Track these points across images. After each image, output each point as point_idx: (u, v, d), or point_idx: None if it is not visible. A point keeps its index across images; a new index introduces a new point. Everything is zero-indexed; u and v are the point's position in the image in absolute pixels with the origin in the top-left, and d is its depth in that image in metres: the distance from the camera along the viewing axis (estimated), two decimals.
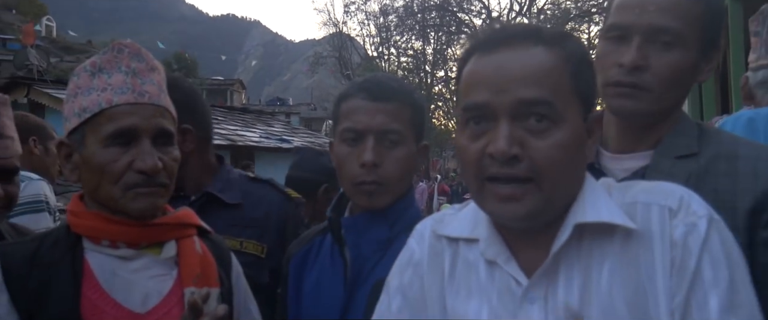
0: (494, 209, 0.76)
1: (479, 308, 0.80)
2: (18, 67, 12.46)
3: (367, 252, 1.15)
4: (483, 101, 0.75)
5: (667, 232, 0.73)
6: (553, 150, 0.73)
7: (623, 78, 1.00)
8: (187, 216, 1.15)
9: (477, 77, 0.77)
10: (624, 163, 1.07)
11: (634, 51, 0.99)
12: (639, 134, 1.06)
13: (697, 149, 1.01)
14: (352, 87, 1.20)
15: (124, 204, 1.03)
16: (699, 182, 0.97)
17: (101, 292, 1.01)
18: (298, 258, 1.27)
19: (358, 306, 1.11)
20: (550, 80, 0.75)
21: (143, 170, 1.02)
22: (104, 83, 1.05)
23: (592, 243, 0.76)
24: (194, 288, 1.05)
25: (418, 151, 1.21)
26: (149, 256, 1.07)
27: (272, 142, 13.83)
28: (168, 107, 1.10)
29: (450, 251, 0.87)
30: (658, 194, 0.76)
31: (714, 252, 0.72)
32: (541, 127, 0.74)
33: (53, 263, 1.01)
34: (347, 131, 1.16)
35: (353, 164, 1.14)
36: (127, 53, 1.08)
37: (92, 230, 1.04)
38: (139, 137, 1.03)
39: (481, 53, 0.78)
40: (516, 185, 0.73)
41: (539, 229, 0.78)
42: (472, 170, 0.76)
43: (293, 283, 1.25)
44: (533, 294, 0.76)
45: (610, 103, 1.05)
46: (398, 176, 1.15)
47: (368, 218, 1.16)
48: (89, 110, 1.03)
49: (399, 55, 28.60)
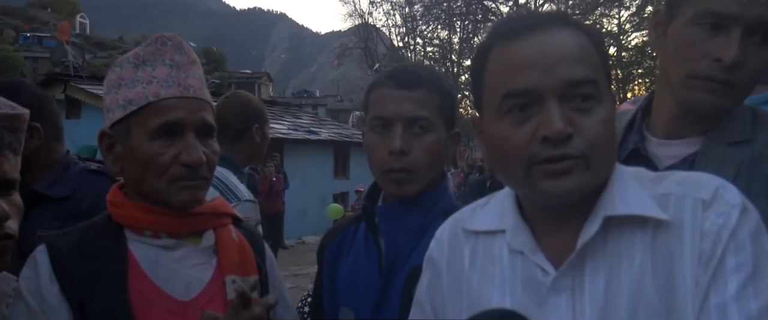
0: (545, 188, 0.74)
1: (502, 298, 0.79)
2: (55, 64, 12.78)
3: (402, 239, 1.15)
4: (530, 85, 0.74)
5: (698, 224, 0.72)
6: (600, 126, 0.73)
7: (718, 74, 0.94)
8: (222, 206, 1.17)
9: (516, 63, 0.76)
10: (673, 149, 1.03)
11: (736, 47, 0.92)
12: (694, 120, 1.01)
13: (751, 134, 0.97)
14: (381, 76, 1.20)
15: (168, 196, 1.04)
16: (752, 168, 0.93)
17: (147, 281, 1.03)
18: (333, 246, 1.28)
19: (394, 294, 1.12)
20: (591, 59, 0.76)
21: (189, 164, 1.03)
22: (149, 75, 1.06)
23: (620, 234, 0.75)
24: (235, 276, 1.07)
25: (450, 138, 1.20)
26: (189, 245, 1.08)
27: (300, 134, 13.96)
28: (210, 100, 1.11)
29: (469, 246, 0.87)
30: (692, 186, 0.74)
31: (740, 240, 0.70)
32: (586, 106, 0.74)
33: (100, 253, 1.03)
34: (376, 119, 1.16)
35: (382, 152, 1.14)
36: (170, 46, 1.09)
37: (135, 221, 1.06)
38: (185, 130, 1.04)
39: (508, 41, 0.77)
40: (568, 161, 0.72)
41: (566, 217, 0.77)
42: (520, 157, 0.74)
43: (328, 272, 1.27)
44: (560, 284, 0.75)
45: (690, 96, 0.97)
46: (427, 164, 1.14)
47: (402, 206, 1.17)
48: (135, 102, 1.04)
49: (425, 45, 28.43)
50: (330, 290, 1.25)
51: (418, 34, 28.15)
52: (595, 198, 0.76)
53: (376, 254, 1.19)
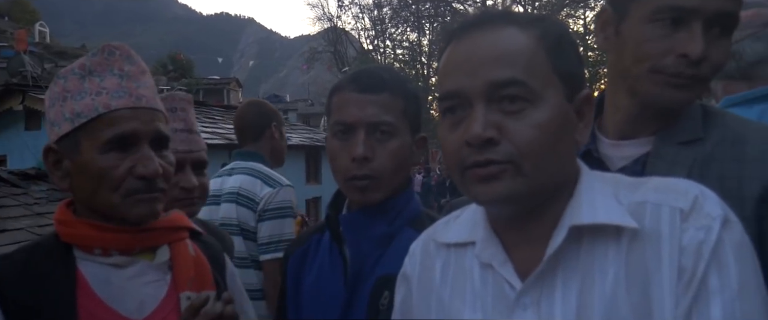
0: (476, 193, 0.72)
1: (473, 313, 0.76)
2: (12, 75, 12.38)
3: (367, 249, 1.11)
4: (456, 88, 0.73)
5: (676, 236, 0.67)
6: (531, 130, 0.69)
7: (686, 70, 0.92)
8: (179, 219, 1.13)
9: (449, 65, 0.75)
10: (624, 150, 1.01)
11: (700, 41, 0.90)
12: (649, 119, 1.00)
13: (703, 133, 0.95)
14: (343, 80, 1.16)
15: (123, 211, 1.00)
16: (704, 169, 0.92)
17: (98, 301, 0.99)
18: (296, 257, 1.24)
19: (360, 304, 1.08)
20: (521, 58, 0.71)
21: (145, 176, 0.99)
22: (97, 86, 1.01)
23: (593, 245, 0.71)
24: (189, 292, 1.04)
25: (415, 143, 1.17)
26: (143, 262, 1.05)
27: None
28: (162, 109, 1.08)
29: (441, 259, 0.84)
30: (669, 194, 0.70)
31: (723, 257, 0.66)
32: (516, 108, 0.70)
33: (46, 274, 0.98)
34: (337, 124, 1.12)
35: (345, 159, 1.10)
36: (118, 55, 1.05)
37: (84, 239, 1.01)
38: (139, 141, 1.00)
39: (456, 40, 0.75)
40: (494, 166, 0.70)
41: (533, 227, 0.74)
42: (454, 160, 0.73)
43: (292, 283, 1.22)
44: (526, 299, 0.72)
45: (657, 91, 0.95)
46: (392, 170, 1.10)
47: (367, 214, 1.13)
48: (84, 114, 0.99)
49: (394, 48, 28.53)
50: (294, 302, 1.20)
51: (387, 37, 28.25)
52: (557, 203, 0.74)
53: (340, 264, 1.15)
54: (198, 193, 1.46)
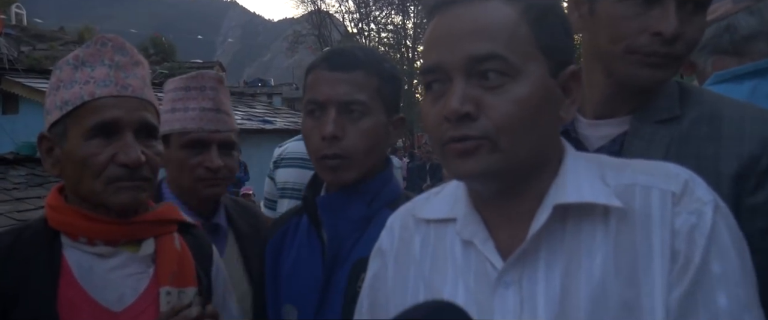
0: (454, 168, 0.72)
1: (455, 290, 0.75)
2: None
3: (345, 231, 1.11)
4: (435, 62, 0.72)
5: (668, 219, 0.67)
6: (510, 105, 0.68)
7: (660, 48, 0.92)
8: (168, 212, 1.13)
9: (430, 39, 0.74)
10: (602, 129, 1.01)
11: (674, 19, 0.90)
12: (627, 98, 0.99)
13: (679, 111, 0.95)
14: (317, 58, 1.15)
15: (105, 198, 1.01)
16: (681, 147, 0.92)
17: (79, 289, 0.99)
18: (275, 240, 1.23)
19: (338, 287, 1.07)
20: (503, 33, 0.69)
21: (126, 163, 1.00)
22: (87, 76, 1.03)
23: (579, 225, 0.70)
24: (170, 288, 1.04)
25: (392, 123, 1.15)
26: (127, 253, 1.05)
27: (254, 123, 13.70)
28: (152, 100, 1.08)
29: (420, 234, 0.83)
30: (659, 177, 0.70)
31: (722, 244, 0.66)
32: (496, 83, 0.69)
33: (30, 258, 0.99)
34: (310, 102, 1.11)
35: (316, 138, 1.09)
36: (110, 47, 1.07)
37: (69, 227, 1.02)
38: (122, 130, 1.01)
39: (439, 14, 0.74)
40: (470, 141, 0.69)
41: (516, 205, 0.74)
42: (434, 135, 0.73)
43: (270, 267, 1.21)
44: (508, 277, 0.71)
45: (632, 71, 0.95)
46: (363, 150, 1.09)
47: (344, 196, 1.12)
48: (71, 102, 1.02)
49: (379, 31, 28.29)
50: (272, 286, 1.20)
51: (371, 19, 27.99)
52: (541, 182, 0.73)
53: (318, 247, 1.14)
54: (223, 173, 1.43)
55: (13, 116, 9.88)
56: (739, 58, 1.44)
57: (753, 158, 0.88)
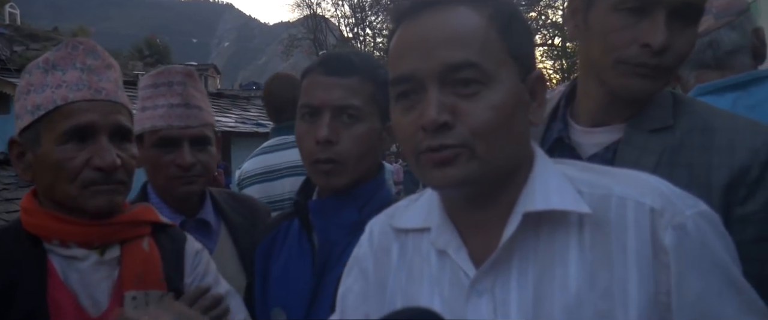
0: (431, 178, 0.71)
1: (430, 300, 0.75)
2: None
3: (336, 236, 1.10)
4: (408, 72, 0.70)
5: (646, 233, 0.66)
6: (486, 112, 0.68)
7: (649, 60, 0.92)
8: (143, 213, 1.11)
9: (400, 48, 0.72)
10: (596, 137, 1.02)
11: (663, 31, 0.91)
12: (620, 107, 1.00)
13: (672, 121, 0.96)
14: (313, 63, 1.15)
15: (81, 202, 1.00)
16: (673, 156, 0.93)
17: (65, 291, 0.99)
18: (265, 244, 1.22)
19: (327, 292, 1.07)
20: (475, 40, 0.69)
21: (101, 167, 0.99)
22: (58, 79, 1.03)
23: (553, 233, 0.70)
24: (135, 292, 1.03)
25: (386, 130, 1.15)
26: (95, 256, 1.04)
27: (248, 127, 13.66)
28: (125, 103, 1.08)
29: (398, 243, 0.83)
30: (635, 188, 0.69)
31: (714, 251, 0.67)
32: (471, 91, 0.69)
33: (18, 261, 0.98)
34: (304, 106, 1.11)
35: (309, 142, 1.09)
36: (81, 50, 1.06)
37: (42, 229, 1.02)
38: (97, 133, 1.01)
39: (406, 22, 0.73)
40: (448, 150, 0.68)
41: (488, 213, 0.73)
42: (409, 145, 0.72)
43: (260, 270, 1.21)
44: (480, 286, 0.71)
45: (622, 82, 0.96)
46: (356, 155, 1.09)
47: (336, 201, 1.12)
48: (43, 107, 1.01)
49: (375, 36, 28.37)
50: (262, 290, 1.19)
51: (367, 24, 28.05)
52: (511, 188, 0.73)
53: (309, 251, 1.14)
54: (198, 170, 1.38)
55: (5, 117, 9.79)
56: (722, 72, 1.47)
57: (743, 169, 0.89)
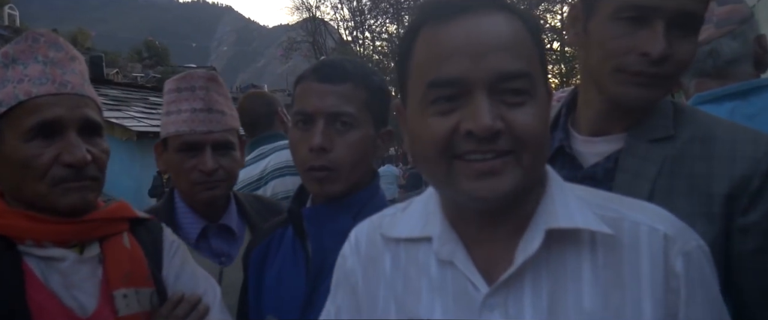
0: (471, 188, 0.66)
1: (431, 310, 0.73)
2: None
3: (330, 243, 1.09)
4: (458, 74, 0.66)
5: (659, 258, 0.67)
6: (534, 122, 0.66)
7: (647, 68, 0.92)
8: (120, 210, 1.09)
9: (445, 49, 0.67)
10: (597, 146, 1.02)
11: (662, 40, 0.90)
12: (621, 116, 1.00)
13: (673, 130, 0.96)
14: (307, 69, 1.15)
15: (53, 200, 0.96)
16: (674, 166, 0.93)
17: (46, 293, 0.95)
18: (259, 251, 1.22)
19: (321, 300, 1.06)
20: (526, 49, 0.68)
21: (71, 164, 0.96)
22: (20, 74, 0.98)
23: (564, 250, 0.69)
24: (126, 290, 1.01)
25: (380, 137, 1.15)
26: (74, 255, 1.00)
27: None
28: (93, 96, 1.04)
29: (390, 253, 0.80)
30: (644, 215, 0.71)
31: (710, 281, 0.70)
32: (519, 100, 0.66)
33: None
34: (298, 113, 1.10)
35: (303, 149, 1.09)
36: (43, 42, 1.02)
37: (14, 230, 0.97)
38: (65, 128, 0.97)
39: (437, 23, 0.69)
40: (496, 159, 0.65)
41: (497, 223, 0.72)
42: (438, 148, 0.67)
43: (253, 277, 1.20)
44: (493, 301, 0.69)
45: (621, 90, 0.95)
46: (350, 162, 1.08)
47: (330, 208, 1.11)
48: (5, 103, 0.97)
49: (374, 40, 28.39)
50: (255, 298, 1.19)
51: (366, 28, 28.07)
52: (526, 203, 0.71)
53: (303, 259, 1.13)
54: (221, 175, 1.36)
55: None
56: (722, 81, 1.46)
57: (744, 179, 0.88)
